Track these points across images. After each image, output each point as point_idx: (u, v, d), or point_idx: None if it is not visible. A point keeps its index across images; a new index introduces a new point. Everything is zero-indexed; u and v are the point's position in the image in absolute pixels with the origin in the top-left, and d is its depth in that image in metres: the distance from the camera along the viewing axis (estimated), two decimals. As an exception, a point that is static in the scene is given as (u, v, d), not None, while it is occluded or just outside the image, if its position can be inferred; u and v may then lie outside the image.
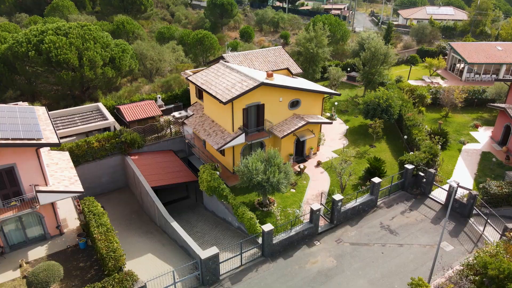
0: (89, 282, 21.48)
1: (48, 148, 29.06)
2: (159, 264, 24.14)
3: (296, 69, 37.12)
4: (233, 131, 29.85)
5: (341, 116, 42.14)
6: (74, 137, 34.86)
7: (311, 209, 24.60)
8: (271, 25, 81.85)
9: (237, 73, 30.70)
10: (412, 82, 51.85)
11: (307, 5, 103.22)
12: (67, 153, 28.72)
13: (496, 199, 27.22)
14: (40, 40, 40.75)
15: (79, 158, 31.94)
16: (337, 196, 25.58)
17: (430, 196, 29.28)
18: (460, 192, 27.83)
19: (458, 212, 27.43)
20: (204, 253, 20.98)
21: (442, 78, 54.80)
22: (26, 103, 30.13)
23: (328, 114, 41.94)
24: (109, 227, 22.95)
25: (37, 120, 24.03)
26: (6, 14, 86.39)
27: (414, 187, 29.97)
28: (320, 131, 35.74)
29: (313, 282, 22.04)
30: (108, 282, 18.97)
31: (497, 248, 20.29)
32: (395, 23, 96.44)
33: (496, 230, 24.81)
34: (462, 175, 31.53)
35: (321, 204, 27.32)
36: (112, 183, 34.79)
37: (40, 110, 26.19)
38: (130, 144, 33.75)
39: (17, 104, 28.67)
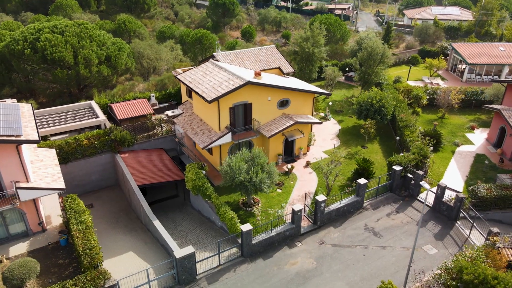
0: (65, 279, 21.47)
1: (35, 144, 29.29)
2: (138, 262, 24.11)
3: (287, 68, 36.84)
4: (219, 130, 29.71)
5: (335, 116, 41.72)
6: (67, 134, 35.04)
7: (293, 209, 24.32)
8: (274, 25, 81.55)
9: (225, 71, 30.55)
10: (411, 83, 51.12)
11: (311, 5, 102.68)
12: (53, 150, 28.85)
13: (484, 202, 26.63)
14: (36, 38, 41.13)
15: (68, 155, 32.11)
16: (320, 197, 25.26)
17: (418, 198, 28.78)
18: (450, 195, 27.26)
19: (445, 215, 26.90)
20: (179, 252, 20.88)
21: (443, 79, 53.96)
22: (14, 100, 30.36)
23: (322, 114, 41.56)
24: (88, 225, 22.94)
25: (19, 117, 24.16)
26: (13, 13, 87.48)
27: (402, 189, 29.49)
28: (311, 131, 35.38)
29: (290, 284, 21.78)
30: (80, 279, 18.97)
31: (477, 253, 19.81)
32: (400, 23, 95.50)
33: (482, 234, 24.26)
34: (453, 178, 30.96)
35: (305, 204, 27.01)
36: (102, 180, 34.89)
37: (25, 107, 26.34)
38: (120, 142, 33.77)
39: (5, 101, 28.89)
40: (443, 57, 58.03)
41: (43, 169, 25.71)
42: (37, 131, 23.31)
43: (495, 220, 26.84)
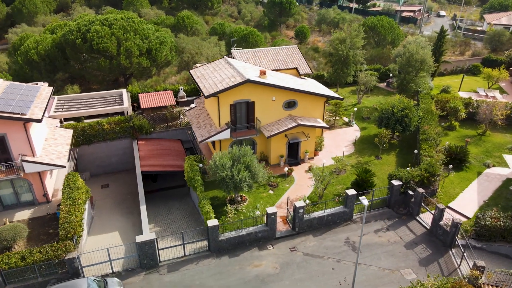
0: (47, 247, 23.69)
1: (58, 124, 32.54)
2: (116, 242, 25.63)
3: (305, 69, 35.91)
4: (219, 126, 30.19)
5: (360, 123, 39.70)
6: (100, 118, 38.13)
7: (267, 212, 23.96)
8: (332, 26, 79.49)
9: (232, 69, 30.87)
10: (463, 94, 46.52)
11: (378, 6, 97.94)
12: (71, 131, 31.75)
13: (490, 231, 23.56)
14: (88, 29, 45.28)
15: (91, 137, 35.05)
16: (299, 203, 24.50)
17: (417, 218, 26.42)
18: (447, 218, 24.64)
19: (441, 240, 24.37)
20: (140, 237, 21.86)
21: (502, 91, 48.17)
22: (46, 84, 33.89)
23: (346, 119, 39.85)
24: (76, 201, 24.91)
25: (34, 98, 27.04)
26: (95, 7, 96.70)
27: (402, 206, 27.29)
28: (322, 135, 34.31)
29: (245, 285, 21.59)
30: (45, 248, 20.88)
31: (438, 283, 17.78)
32: (479, 28, 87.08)
33: (469, 266, 21.56)
34: (467, 201, 27.77)
35: (287, 209, 26.38)
36: (121, 164, 37.40)
37: (45, 90, 29.34)
38: (138, 129, 35.97)
39: (36, 84, 32.44)
40: (508, 68, 51.73)
41: (53, 147, 28.50)
42: (44, 112, 25.90)
43: (501, 253, 23.60)
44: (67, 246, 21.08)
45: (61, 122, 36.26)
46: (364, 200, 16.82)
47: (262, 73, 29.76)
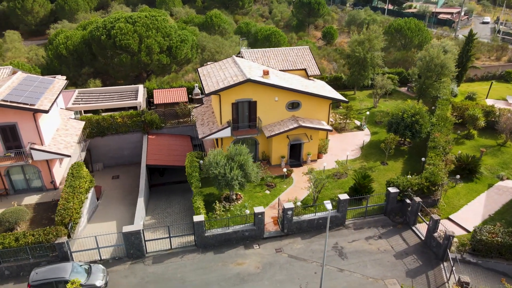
0: (46, 231, 25.02)
1: (72, 115, 34.20)
2: (112, 231, 26.61)
3: (314, 71, 35.44)
4: (221, 124, 30.54)
5: (372, 127, 38.70)
6: (117, 112, 39.67)
7: (254, 211, 24.02)
8: (362, 27, 77.72)
9: (237, 68, 31.10)
10: (490, 101, 44.15)
11: (414, 8, 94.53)
12: (83, 123, 33.27)
13: (485, 246, 22.33)
14: (112, 26, 47.19)
15: (104, 129, 36.56)
16: (288, 204, 24.36)
17: (413, 228, 25.48)
18: (441, 230, 23.58)
19: (434, 251, 23.39)
20: (126, 228, 22.63)
21: (534, 101, 45.17)
22: (64, 77, 35.69)
23: (358, 123, 38.98)
24: (76, 190, 26.11)
25: (46, 90, 28.63)
26: (132, 5, 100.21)
27: (398, 215, 26.39)
28: (326, 138, 33.83)
29: (225, 282, 21.79)
30: (38, 232, 22.10)
31: (411, 297, 17.13)
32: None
33: (455, 281, 20.55)
34: (471, 214, 26.43)
35: (278, 210, 26.28)
36: (133, 157, 38.62)
37: (59, 83, 30.95)
38: (148, 124, 37.09)
39: (54, 77, 34.27)
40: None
41: (63, 137, 30.02)
42: (52, 104, 27.34)
43: (498, 271, 22.28)
44: (58, 231, 22.21)
45: (80, 114, 38.16)
46: (328, 205, 16.49)
47: (265, 73, 29.76)
